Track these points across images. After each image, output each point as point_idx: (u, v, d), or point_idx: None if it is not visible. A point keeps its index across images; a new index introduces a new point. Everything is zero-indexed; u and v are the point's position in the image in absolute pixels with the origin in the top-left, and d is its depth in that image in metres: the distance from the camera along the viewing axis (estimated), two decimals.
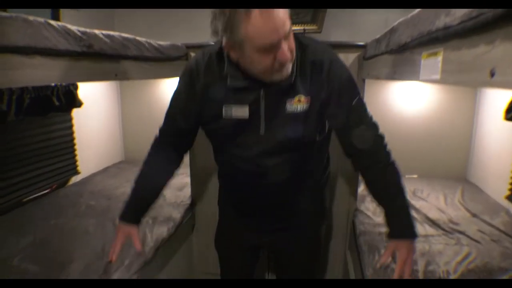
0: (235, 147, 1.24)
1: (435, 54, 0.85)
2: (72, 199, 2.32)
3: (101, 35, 1.32)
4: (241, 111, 1.16)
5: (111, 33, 1.38)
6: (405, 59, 1.12)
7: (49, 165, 2.44)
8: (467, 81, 0.69)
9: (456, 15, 0.71)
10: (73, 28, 1.21)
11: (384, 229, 1.89)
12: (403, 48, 1.12)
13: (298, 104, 1.14)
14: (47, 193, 2.43)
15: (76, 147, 2.63)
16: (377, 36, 1.56)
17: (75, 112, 2.59)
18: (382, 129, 1.26)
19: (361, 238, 1.86)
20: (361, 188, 2.51)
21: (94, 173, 2.82)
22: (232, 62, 1.11)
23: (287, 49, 1.00)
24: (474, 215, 2.03)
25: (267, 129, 1.17)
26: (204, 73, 1.17)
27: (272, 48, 0.98)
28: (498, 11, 0.55)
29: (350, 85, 1.19)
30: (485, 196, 2.39)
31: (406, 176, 2.76)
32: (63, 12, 2.52)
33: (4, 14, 1.02)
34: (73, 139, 2.61)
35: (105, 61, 1.35)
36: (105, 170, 2.92)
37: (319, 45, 1.18)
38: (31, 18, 1.08)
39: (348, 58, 2.04)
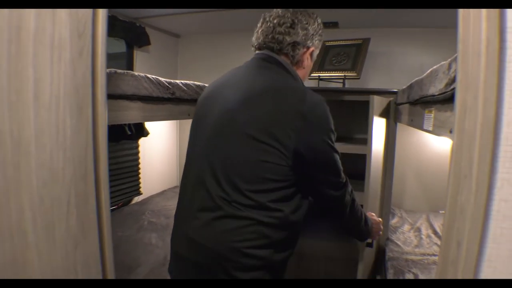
0: None
1: (431, 111, 1.20)
2: (135, 216, 2.77)
3: (180, 84, 1.78)
4: None
5: (188, 82, 1.84)
6: (417, 111, 1.47)
7: (117, 185, 2.92)
8: (441, 134, 1.03)
9: (437, 88, 1.06)
10: (163, 79, 1.67)
11: (412, 257, 2.16)
12: (416, 102, 1.47)
13: None
14: (114, 209, 2.90)
15: (140, 171, 3.12)
16: (404, 87, 1.91)
17: (141, 140, 3.09)
18: (416, 166, 1.57)
19: (389, 262, 2.14)
20: (395, 220, 2.78)
21: (153, 194, 3.28)
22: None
23: None
24: None
25: None
26: None
27: None
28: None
29: None
30: None
31: (440, 211, 2.98)
32: (137, 54, 3.09)
33: (119, 71, 1.49)
34: (138, 163, 3.10)
35: (182, 104, 1.80)
36: (163, 193, 3.38)
37: None
38: (136, 73, 1.55)
39: (383, 102, 2.38)
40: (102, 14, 0.88)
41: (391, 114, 2.36)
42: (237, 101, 1.13)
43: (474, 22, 0.64)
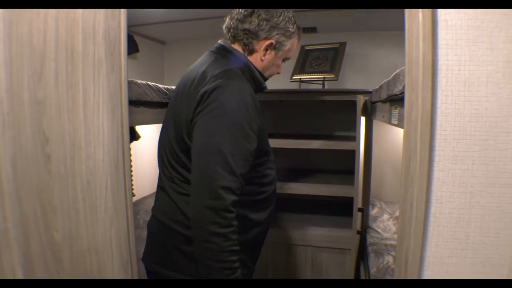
0: (270, 151, 1.39)
1: (395, 108, 1.47)
2: None
3: None
4: None
5: None
6: (387, 108, 1.74)
7: None
8: (403, 126, 1.30)
9: (399, 88, 1.33)
10: (161, 86, 1.90)
11: (390, 242, 2.44)
12: (386, 100, 1.74)
13: None
14: None
15: (133, 173, 3.32)
16: (377, 87, 2.19)
17: (132, 144, 3.29)
18: (394, 160, 1.77)
19: (370, 247, 2.41)
20: (375, 210, 3.07)
21: (145, 196, 3.49)
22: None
23: None
24: None
25: None
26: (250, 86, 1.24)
27: (284, 61, 1.43)
28: None
29: None
30: None
31: None
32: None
33: None
34: (131, 166, 3.30)
35: None
36: (154, 194, 3.58)
37: None
38: (139, 81, 1.77)
39: (360, 101, 2.65)
40: (124, 36, 1.12)
41: (367, 112, 2.64)
42: (176, 92, 1.33)
43: (415, 41, 0.91)
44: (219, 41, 1.37)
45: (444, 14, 0.92)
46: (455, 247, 0.99)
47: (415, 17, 0.91)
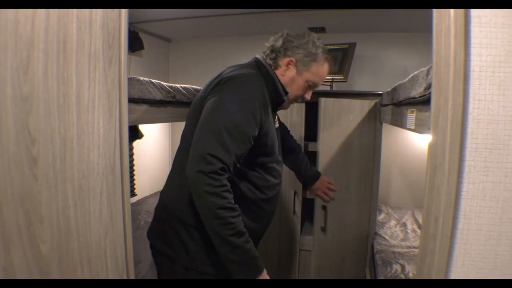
0: (275, 159, 1.44)
1: (413, 112, 1.37)
2: (132, 216, 2.88)
3: (180, 88, 1.91)
4: (274, 125, 1.45)
5: (187, 86, 1.98)
6: (401, 112, 1.64)
7: None
8: (422, 132, 1.20)
9: (418, 91, 1.23)
10: (165, 84, 1.80)
11: (398, 249, 2.34)
12: (399, 104, 1.64)
13: (276, 122, 1.52)
14: None
15: (135, 173, 3.23)
16: (388, 90, 2.08)
17: (136, 143, 3.20)
18: (402, 165, 1.72)
19: (377, 255, 2.30)
20: (382, 216, 2.96)
21: (147, 196, 3.40)
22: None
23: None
24: None
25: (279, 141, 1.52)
26: (265, 89, 1.33)
27: (311, 87, 1.48)
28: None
29: None
30: None
31: None
32: (130, 58, 3.20)
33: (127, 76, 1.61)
34: (133, 165, 3.20)
35: (182, 106, 1.93)
36: (156, 193, 3.50)
37: None
38: (141, 78, 1.68)
39: (370, 104, 2.55)
40: (124, 27, 1.02)
41: (377, 115, 2.53)
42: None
43: (445, 39, 0.81)
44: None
45: (477, 10, 0.82)
46: (482, 267, 0.88)
47: (446, 12, 0.81)
